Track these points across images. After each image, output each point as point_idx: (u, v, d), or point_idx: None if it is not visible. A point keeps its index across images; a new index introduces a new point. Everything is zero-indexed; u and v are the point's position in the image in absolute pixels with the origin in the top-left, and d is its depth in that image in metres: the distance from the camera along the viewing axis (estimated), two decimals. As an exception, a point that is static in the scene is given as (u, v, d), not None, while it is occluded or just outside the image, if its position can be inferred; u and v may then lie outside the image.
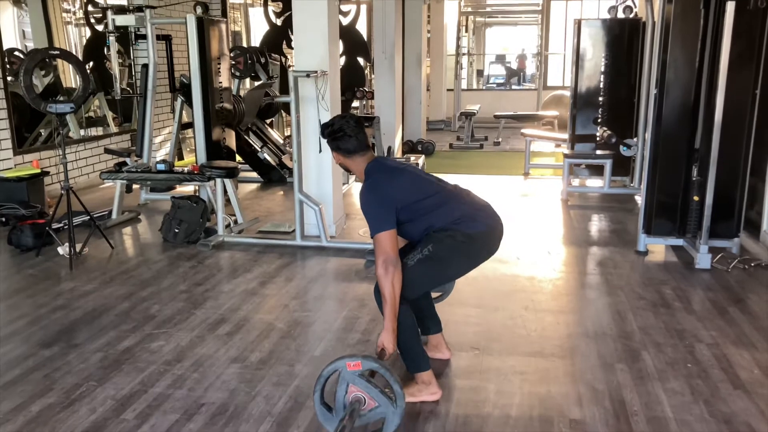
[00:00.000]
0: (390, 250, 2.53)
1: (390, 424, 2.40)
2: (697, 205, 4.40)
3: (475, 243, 2.69)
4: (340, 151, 2.72)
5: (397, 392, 2.36)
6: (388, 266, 2.51)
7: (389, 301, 2.52)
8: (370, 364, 2.38)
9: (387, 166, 2.76)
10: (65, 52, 5.16)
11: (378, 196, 2.61)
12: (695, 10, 4.37)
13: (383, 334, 2.56)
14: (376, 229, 2.55)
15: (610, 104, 6.90)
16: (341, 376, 2.38)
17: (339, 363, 2.39)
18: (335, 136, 2.69)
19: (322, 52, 4.79)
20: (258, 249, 4.84)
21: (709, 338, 3.28)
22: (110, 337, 3.33)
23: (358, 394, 2.38)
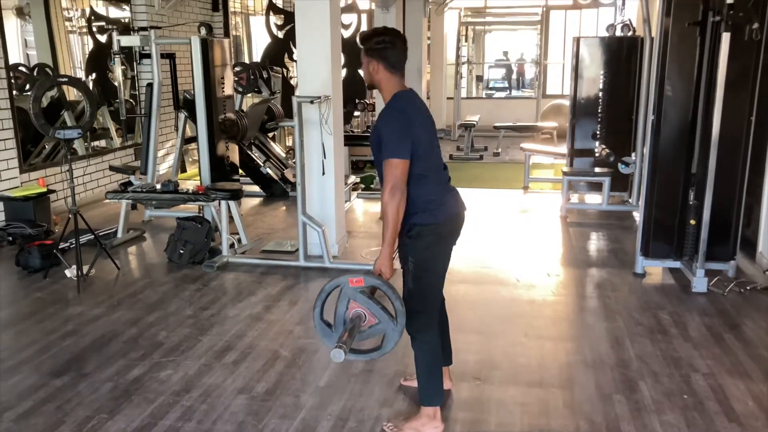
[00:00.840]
0: (400, 177, 2.49)
1: (389, 340, 2.45)
2: (694, 229, 4.48)
3: (437, 232, 2.67)
4: (384, 62, 2.60)
5: (398, 309, 2.41)
6: (396, 192, 2.48)
7: (391, 225, 2.50)
8: (372, 280, 2.41)
9: (418, 103, 2.70)
10: (73, 79, 5.24)
11: (404, 123, 2.55)
12: (692, 36, 4.45)
13: (380, 259, 2.55)
14: (393, 153, 2.50)
15: (608, 120, 6.98)
16: (342, 292, 2.42)
17: (341, 279, 2.41)
18: (385, 44, 2.60)
19: (325, 77, 4.87)
20: (262, 270, 4.91)
21: (705, 367, 3.36)
22: (119, 365, 3.41)
23: (358, 310, 2.42)
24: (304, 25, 4.86)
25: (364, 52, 2.64)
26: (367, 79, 2.70)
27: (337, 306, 2.43)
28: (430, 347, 2.74)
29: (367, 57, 2.64)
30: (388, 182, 2.51)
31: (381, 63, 2.62)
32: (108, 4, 7.99)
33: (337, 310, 2.43)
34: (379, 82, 2.65)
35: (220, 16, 9.64)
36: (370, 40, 2.63)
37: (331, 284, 2.45)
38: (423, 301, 2.69)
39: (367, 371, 3.33)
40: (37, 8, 7.17)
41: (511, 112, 13.05)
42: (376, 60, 2.62)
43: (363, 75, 2.72)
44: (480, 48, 18.83)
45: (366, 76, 2.70)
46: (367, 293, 2.42)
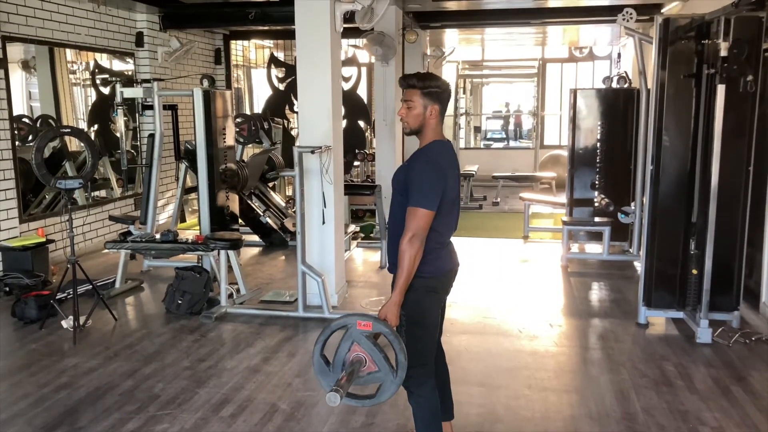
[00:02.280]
0: (423, 228, 2.46)
1: (385, 392, 2.38)
2: (696, 279, 4.46)
3: (434, 287, 2.64)
4: (441, 106, 2.59)
5: (401, 362, 2.34)
6: (415, 241, 2.44)
7: (405, 273, 2.45)
8: (380, 327, 2.36)
9: (452, 157, 2.66)
10: (75, 130, 5.28)
11: (439, 172, 2.51)
12: (687, 88, 4.52)
13: (388, 305, 2.48)
14: (422, 203, 2.46)
15: (606, 170, 7.03)
16: (348, 333, 2.36)
17: (350, 319, 2.36)
18: (445, 90, 2.60)
19: (326, 128, 4.92)
20: (260, 321, 4.85)
21: (712, 420, 3.29)
22: (114, 419, 3.33)
23: (360, 354, 2.36)
24: (306, 76, 4.94)
25: (426, 93, 2.56)
26: (417, 122, 2.59)
27: (339, 345, 2.38)
28: (427, 402, 2.67)
29: (427, 99, 2.57)
30: (409, 230, 2.46)
31: (439, 107, 2.59)
32: (112, 58, 8.13)
33: (339, 349, 2.38)
34: (428, 127, 2.59)
35: (223, 68, 9.81)
36: (433, 82, 2.58)
37: (338, 323, 2.40)
38: (417, 355, 2.61)
39: (367, 425, 3.25)
40: (43, 61, 7.29)
41: (509, 162, 13.15)
42: (436, 103, 2.58)
43: (410, 117, 2.59)
44: (478, 100, 19.12)
45: (416, 119, 2.59)
46: (372, 339, 2.37)
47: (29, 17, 6.30)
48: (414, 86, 2.57)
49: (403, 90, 2.62)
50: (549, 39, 11.99)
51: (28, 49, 7.12)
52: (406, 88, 2.60)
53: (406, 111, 2.59)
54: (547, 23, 8.95)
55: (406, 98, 2.59)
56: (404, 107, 2.60)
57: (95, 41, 7.26)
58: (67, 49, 7.39)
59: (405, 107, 2.60)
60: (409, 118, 2.60)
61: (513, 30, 10.14)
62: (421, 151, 2.61)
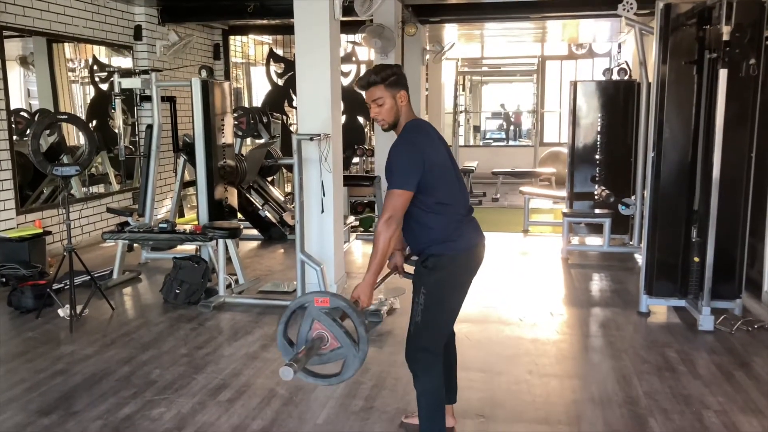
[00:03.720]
0: (400, 209, 2.46)
1: (349, 367, 2.37)
2: (697, 266, 4.42)
3: (456, 265, 2.60)
4: (407, 90, 2.58)
5: (362, 336, 2.33)
6: (392, 223, 2.44)
7: (379, 255, 2.45)
8: (338, 302, 2.35)
9: (426, 129, 2.65)
10: (73, 117, 5.26)
11: (412, 152, 2.50)
12: (689, 75, 4.48)
13: (360, 286, 2.49)
14: (397, 183, 2.46)
15: (607, 163, 6.99)
16: (307, 311, 2.35)
17: (307, 297, 2.36)
18: (402, 73, 2.58)
19: (325, 116, 4.88)
20: (259, 310, 4.81)
21: (716, 404, 3.25)
22: (110, 403, 3.29)
23: (321, 332, 2.35)
24: (305, 64, 4.90)
25: (389, 84, 2.54)
26: (392, 115, 2.57)
27: (300, 325, 2.38)
28: (433, 387, 2.62)
29: (394, 88, 2.54)
30: (386, 211, 2.46)
31: (406, 91, 2.58)
32: (111, 53, 8.10)
33: (301, 329, 2.38)
34: (402, 115, 2.58)
35: (222, 64, 9.78)
36: (389, 70, 2.56)
37: (296, 302, 2.40)
38: (430, 337, 2.58)
39: (366, 408, 3.21)
40: (41, 57, 7.26)
41: (508, 160, 13.12)
42: (401, 88, 2.57)
43: (384, 113, 2.56)
44: (477, 99, 19.12)
45: (390, 113, 2.56)
46: (332, 315, 2.35)
47: (26, 8, 6.26)
48: (375, 82, 2.55)
49: (364, 92, 2.59)
50: (548, 35, 11.97)
51: (27, 45, 7.10)
52: (367, 87, 2.57)
53: (379, 109, 2.57)
54: (547, 17, 8.92)
55: (374, 97, 2.56)
56: (374, 107, 2.58)
57: (93, 33, 7.23)
58: (65, 44, 7.37)
59: (375, 106, 2.57)
60: (383, 114, 2.57)
61: (512, 25, 10.10)
62: (399, 136, 2.60)
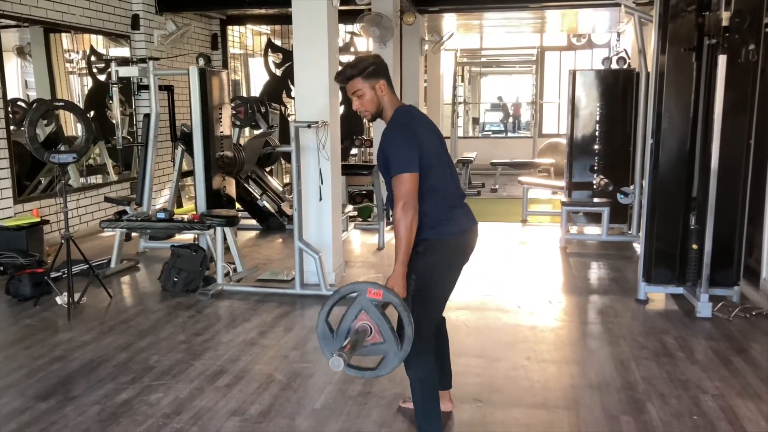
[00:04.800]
0: (412, 192, 2.42)
1: (387, 364, 2.33)
2: (696, 254, 4.41)
3: (446, 249, 2.58)
4: (386, 79, 2.58)
5: (407, 336, 2.29)
6: (408, 209, 2.40)
7: (404, 243, 2.41)
8: (391, 297, 2.30)
9: (416, 114, 2.66)
10: (69, 104, 5.22)
11: (408, 135, 2.49)
12: (688, 62, 4.47)
13: (393, 277, 2.43)
14: (401, 168, 2.43)
15: (605, 152, 6.98)
16: (357, 300, 2.30)
17: (360, 285, 2.30)
18: (380, 63, 2.58)
19: (323, 103, 4.87)
20: (257, 298, 4.81)
21: (713, 389, 3.25)
22: (108, 389, 3.28)
23: (366, 323, 2.30)
24: (303, 51, 4.88)
25: (366, 76, 2.54)
26: (374, 105, 2.57)
27: (346, 312, 2.31)
28: (425, 374, 2.60)
29: (372, 79, 2.55)
30: (399, 199, 2.42)
31: (385, 80, 2.58)
32: (108, 43, 8.07)
33: (346, 316, 2.31)
34: (384, 104, 2.58)
35: (219, 54, 9.74)
36: (366, 62, 2.58)
37: (348, 288, 2.34)
38: (418, 323, 2.57)
39: (364, 393, 3.21)
40: (38, 48, 7.23)
41: (507, 151, 13.09)
42: (379, 78, 2.56)
43: (366, 104, 2.57)
44: (476, 91, 19.08)
45: (372, 103, 2.57)
46: (381, 309, 2.31)
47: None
48: (353, 76, 2.56)
49: (344, 86, 2.61)
50: (547, 25, 11.92)
51: (24, 36, 7.06)
52: (346, 81, 2.59)
53: (360, 101, 2.58)
54: (546, 7, 8.89)
55: (353, 90, 2.57)
56: (355, 99, 2.58)
57: (90, 23, 7.19)
58: (62, 34, 7.34)
59: (356, 99, 2.58)
60: (365, 105, 2.58)
61: (511, 15, 10.07)
62: (388, 124, 2.60)
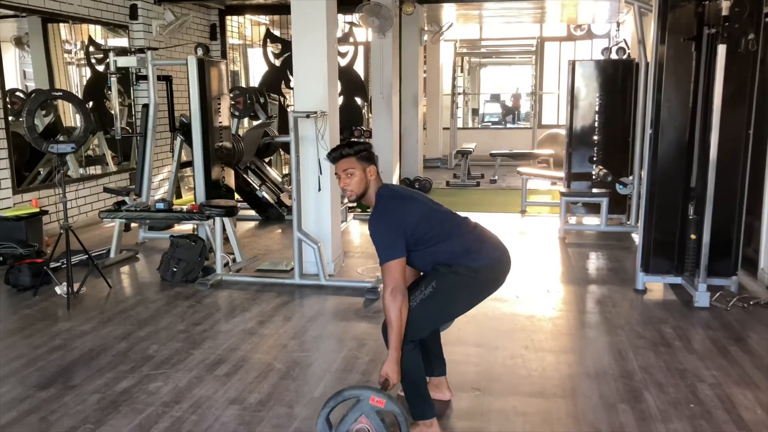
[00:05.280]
0: (399, 278, 2.51)
1: None
2: (694, 244, 4.42)
3: (479, 277, 2.66)
4: (375, 165, 2.70)
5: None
6: (397, 294, 2.49)
7: (396, 328, 2.49)
8: (393, 407, 2.40)
9: (398, 192, 2.75)
10: (67, 93, 5.22)
11: (389, 222, 2.59)
12: (687, 52, 4.46)
13: (387, 364, 2.53)
14: (386, 257, 2.53)
15: (605, 143, 6.97)
16: (359, 405, 2.40)
17: (365, 392, 2.41)
18: (371, 151, 2.70)
19: (322, 93, 4.86)
20: (256, 288, 4.82)
21: (711, 378, 3.27)
22: (108, 378, 3.30)
23: (365, 426, 2.39)
24: (302, 41, 4.87)
25: (360, 158, 2.63)
26: (361, 186, 2.65)
27: (347, 415, 2.41)
28: (412, 364, 2.62)
29: (365, 162, 2.65)
30: (387, 286, 2.51)
31: (375, 167, 2.69)
32: (107, 34, 8.04)
33: (346, 418, 2.41)
34: (370, 187, 2.66)
35: (218, 44, 9.71)
36: (361, 145, 2.69)
37: (351, 392, 2.44)
38: (414, 323, 2.57)
39: (363, 382, 3.22)
40: (36, 38, 7.21)
41: (507, 142, 13.08)
42: (372, 164, 2.68)
43: (353, 184, 2.64)
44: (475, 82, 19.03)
45: (360, 184, 2.64)
46: (381, 415, 2.40)
47: (21, -15, 6.20)
48: (348, 154, 2.63)
49: (335, 163, 2.68)
50: (547, 16, 11.89)
51: (22, 26, 7.04)
52: (339, 159, 2.66)
53: (349, 179, 2.64)
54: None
55: (344, 168, 2.64)
56: (344, 177, 2.64)
57: (88, 12, 7.17)
58: (60, 25, 7.31)
59: (345, 177, 2.64)
60: (352, 185, 2.64)
61: (511, 5, 10.04)
62: (372, 211, 2.67)
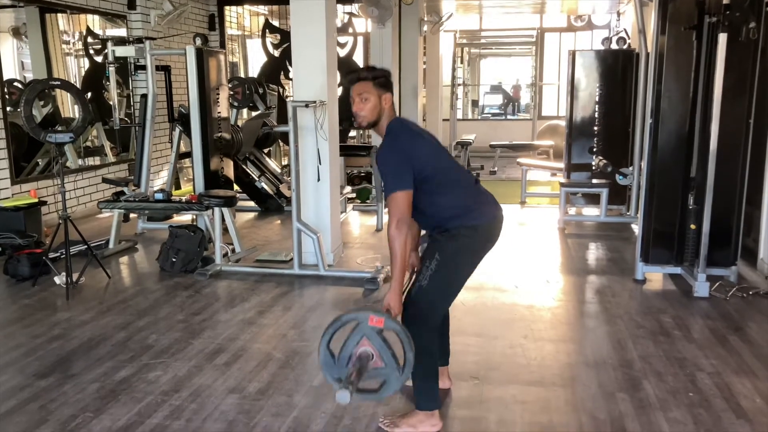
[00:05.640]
0: (405, 210, 2.48)
1: (389, 387, 2.38)
2: (694, 234, 4.42)
3: (478, 236, 2.63)
4: (392, 93, 2.63)
5: (408, 361, 2.34)
6: (402, 226, 2.46)
7: (399, 260, 2.47)
8: (392, 324, 2.36)
9: (409, 126, 2.69)
10: (65, 83, 5.19)
11: (398, 154, 2.54)
12: (688, 41, 4.44)
13: (389, 294, 2.50)
14: (393, 187, 2.49)
15: (605, 133, 6.96)
16: (359, 328, 2.35)
17: (361, 314, 2.36)
18: (390, 79, 2.63)
19: (321, 83, 4.84)
20: (255, 278, 4.82)
21: (709, 367, 3.27)
22: (107, 367, 3.30)
23: (368, 349, 2.35)
24: (300, 30, 4.85)
25: (377, 84, 2.58)
26: (374, 113, 2.59)
27: (348, 339, 2.37)
28: (427, 353, 2.61)
29: (381, 89, 2.59)
30: (393, 216, 2.48)
31: (390, 94, 2.62)
32: (105, 25, 8.00)
33: (347, 342, 2.36)
34: (384, 116, 2.61)
35: (217, 34, 9.68)
36: (380, 71, 2.62)
37: (349, 316, 2.39)
38: (431, 303, 2.58)
39: (362, 371, 3.23)
40: (34, 28, 7.18)
41: (507, 133, 13.06)
42: (387, 91, 2.61)
43: (367, 109, 2.58)
44: (475, 73, 18.98)
45: (373, 111, 2.58)
46: (382, 335, 2.37)
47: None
48: (366, 78, 2.59)
49: (351, 85, 2.61)
50: (547, 6, 11.84)
51: (19, 16, 7.01)
52: (356, 82, 2.61)
53: (363, 104, 2.59)
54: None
55: (359, 92, 2.59)
56: (359, 102, 2.59)
57: (86, 2, 7.13)
58: (58, 15, 7.28)
59: (360, 101, 2.59)
60: (366, 111, 2.59)
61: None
62: (382, 141, 2.62)
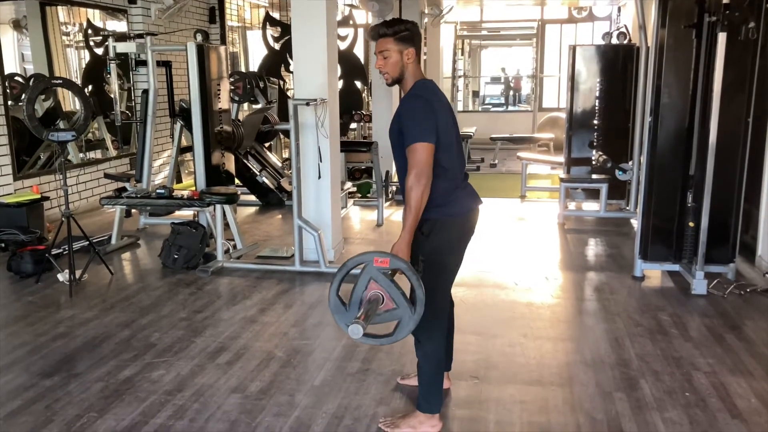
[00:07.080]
0: (426, 162, 2.39)
1: (403, 328, 2.34)
2: (692, 231, 4.45)
3: (458, 229, 2.63)
4: (416, 48, 2.53)
5: (419, 298, 2.30)
6: (421, 177, 2.38)
7: (414, 210, 2.40)
8: (398, 263, 2.32)
9: (440, 94, 2.60)
10: (68, 81, 5.22)
11: (425, 105, 2.46)
12: (688, 38, 4.45)
13: (398, 243, 2.43)
14: (416, 137, 2.39)
15: (605, 128, 6.97)
16: (365, 271, 2.31)
17: (366, 256, 2.31)
18: (416, 31, 2.54)
19: (321, 81, 4.85)
20: (257, 275, 4.85)
21: (706, 366, 3.31)
22: (111, 366, 3.34)
23: (377, 292, 2.31)
24: (301, 28, 4.85)
25: (398, 39, 2.49)
26: (397, 70, 2.53)
27: (356, 283, 2.32)
28: (435, 356, 2.65)
29: (403, 44, 2.50)
30: (413, 167, 2.39)
31: (414, 49, 2.53)
32: (105, 17, 7.99)
33: (356, 287, 2.32)
34: (407, 72, 2.54)
35: (217, 28, 9.67)
36: (402, 25, 2.52)
37: (354, 260, 2.34)
38: (432, 304, 2.56)
39: (363, 370, 3.27)
40: (34, 21, 7.17)
41: (507, 125, 13.05)
42: (410, 46, 2.52)
43: (388, 67, 2.52)
44: (476, 64, 18.95)
45: (395, 67, 2.52)
46: (390, 276, 2.32)
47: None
48: (386, 34, 2.52)
49: (374, 42, 2.56)
50: (548, -2, 11.81)
51: (20, 9, 7.00)
52: (377, 38, 2.55)
53: (384, 61, 2.54)
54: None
55: (381, 48, 2.53)
56: (380, 58, 2.55)
57: (87, -4, 7.12)
58: (58, 8, 7.27)
59: (381, 58, 2.54)
60: (387, 67, 2.54)
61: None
62: (407, 94, 2.57)
